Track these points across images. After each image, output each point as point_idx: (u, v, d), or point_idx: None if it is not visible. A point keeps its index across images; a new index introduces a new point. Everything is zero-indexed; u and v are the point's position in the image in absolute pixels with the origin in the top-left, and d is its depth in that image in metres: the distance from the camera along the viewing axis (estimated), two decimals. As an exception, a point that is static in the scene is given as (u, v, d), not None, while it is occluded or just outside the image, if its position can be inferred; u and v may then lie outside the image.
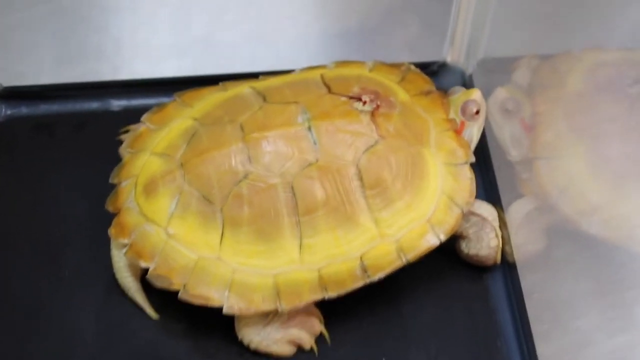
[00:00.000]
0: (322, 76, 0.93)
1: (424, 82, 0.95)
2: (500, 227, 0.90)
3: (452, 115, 0.92)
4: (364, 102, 0.88)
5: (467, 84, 1.03)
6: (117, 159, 0.96)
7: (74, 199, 0.95)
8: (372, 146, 0.86)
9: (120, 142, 0.98)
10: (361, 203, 0.85)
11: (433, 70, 1.04)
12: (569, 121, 0.89)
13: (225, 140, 0.86)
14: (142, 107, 1.00)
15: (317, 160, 0.84)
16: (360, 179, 0.85)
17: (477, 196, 0.89)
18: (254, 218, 0.84)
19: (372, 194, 0.85)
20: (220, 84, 0.96)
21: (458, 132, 0.91)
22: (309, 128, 0.85)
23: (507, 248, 0.90)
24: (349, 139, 0.85)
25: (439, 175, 0.87)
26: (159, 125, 0.92)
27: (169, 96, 1.02)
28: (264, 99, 0.89)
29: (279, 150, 0.85)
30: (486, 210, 0.90)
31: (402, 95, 0.91)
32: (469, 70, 1.03)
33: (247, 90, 0.92)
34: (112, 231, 0.87)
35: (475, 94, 0.91)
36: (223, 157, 0.85)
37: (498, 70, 1.00)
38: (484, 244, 0.89)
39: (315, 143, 0.85)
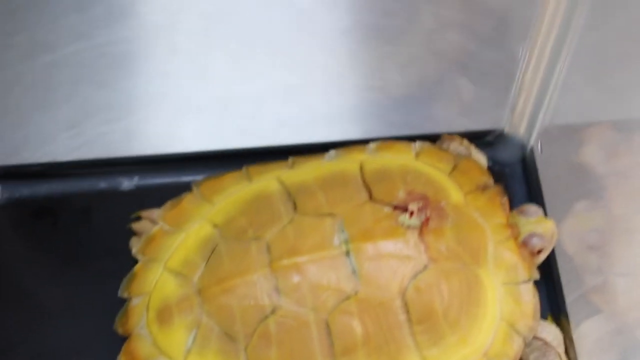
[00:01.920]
0: (361, 169, 0.79)
1: (480, 173, 0.81)
2: (566, 350, 0.78)
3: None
4: (411, 213, 0.75)
5: (528, 158, 0.89)
6: (129, 253, 0.84)
7: (81, 305, 0.84)
8: (420, 272, 0.74)
9: (132, 232, 0.86)
10: (407, 340, 0.73)
11: (488, 141, 0.90)
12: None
13: (249, 264, 0.74)
14: (155, 186, 0.91)
15: (356, 293, 0.73)
16: (407, 312, 0.73)
17: (540, 311, 0.76)
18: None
19: (421, 330, 0.73)
20: (244, 168, 0.83)
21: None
22: (347, 252, 0.73)
23: (574, 373, 0.78)
24: (394, 264, 0.73)
25: (498, 299, 0.75)
26: (174, 226, 0.80)
27: (185, 174, 0.90)
28: (294, 206, 0.77)
29: (312, 280, 0.73)
30: (550, 333, 0.78)
31: (454, 194, 0.78)
32: (531, 141, 0.89)
33: (274, 187, 0.80)
34: (122, 359, 0.76)
35: (546, 228, 0.77)
36: (247, 287, 0.73)
37: (564, 141, 0.86)
38: (547, 372, 0.78)
39: (354, 271, 0.73)
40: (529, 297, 0.76)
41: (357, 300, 0.73)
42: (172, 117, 0.92)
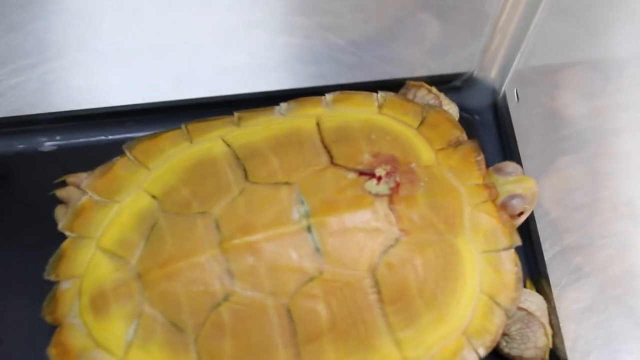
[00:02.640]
0: (318, 127, 0.70)
1: (451, 127, 0.73)
2: (550, 321, 0.71)
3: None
4: (379, 179, 0.66)
5: (500, 104, 0.80)
6: (54, 224, 0.75)
7: (2, 286, 0.75)
8: (392, 246, 0.65)
9: (57, 199, 0.76)
10: (379, 323, 0.65)
11: (456, 85, 0.82)
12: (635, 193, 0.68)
13: (196, 244, 0.65)
14: (80, 146, 0.82)
15: (320, 273, 0.64)
16: (378, 291, 0.65)
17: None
18: (239, 352, 0.65)
19: (393, 310, 0.65)
20: (183, 126, 0.73)
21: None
22: (309, 228, 0.64)
23: (557, 341, 0.71)
24: (362, 239, 0.65)
25: (477, 270, 0.68)
26: (106, 196, 0.71)
27: (114, 131, 0.81)
28: (244, 173, 0.67)
29: (269, 261, 0.65)
30: (533, 302, 0.71)
31: (425, 153, 0.70)
32: (503, 85, 0.80)
33: (220, 149, 0.70)
34: (52, 352, 0.68)
35: (527, 188, 0.69)
36: (195, 271, 0.65)
37: (539, 84, 0.77)
38: (529, 344, 0.72)
39: (317, 249, 0.64)
40: (511, 266, 0.69)
41: (321, 281, 0.64)
42: (96, 66, 0.82)
